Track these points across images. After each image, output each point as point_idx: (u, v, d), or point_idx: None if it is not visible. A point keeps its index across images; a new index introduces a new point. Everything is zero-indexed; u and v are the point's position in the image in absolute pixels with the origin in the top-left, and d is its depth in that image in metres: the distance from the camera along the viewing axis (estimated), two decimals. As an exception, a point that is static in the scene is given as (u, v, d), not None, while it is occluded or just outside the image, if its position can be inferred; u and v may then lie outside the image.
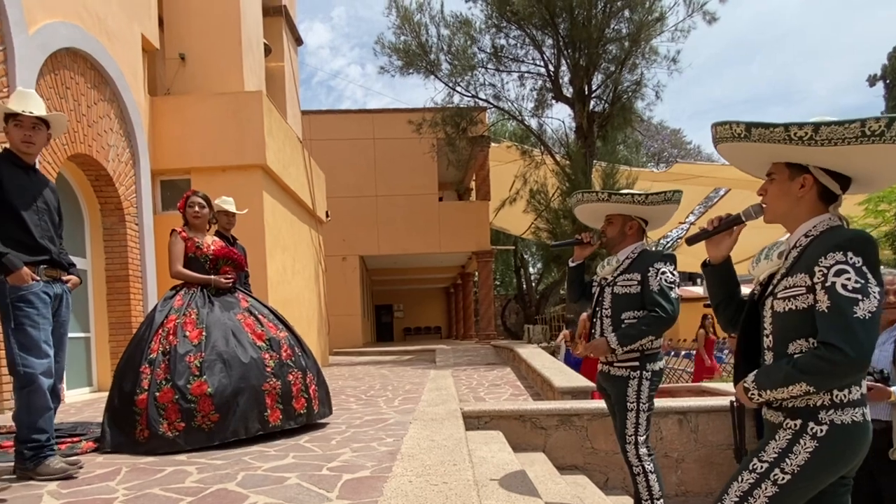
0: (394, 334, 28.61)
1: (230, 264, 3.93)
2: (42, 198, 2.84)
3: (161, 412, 3.17)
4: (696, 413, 4.45)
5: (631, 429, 2.90)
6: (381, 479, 2.39)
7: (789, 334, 1.65)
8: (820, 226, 1.66)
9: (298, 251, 10.11)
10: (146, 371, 3.28)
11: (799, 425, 1.61)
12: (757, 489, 1.62)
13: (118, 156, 6.89)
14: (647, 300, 2.86)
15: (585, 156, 11.97)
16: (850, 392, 1.58)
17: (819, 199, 1.68)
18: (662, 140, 32.12)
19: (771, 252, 1.79)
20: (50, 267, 2.80)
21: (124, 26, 7.09)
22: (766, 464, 1.63)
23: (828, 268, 1.55)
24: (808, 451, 1.58)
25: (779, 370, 1.63)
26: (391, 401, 5.17)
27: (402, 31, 13.11)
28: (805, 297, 1.61)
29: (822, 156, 1.60)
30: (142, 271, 7.11)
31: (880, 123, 1.46)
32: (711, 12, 11.85)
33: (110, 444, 3.22)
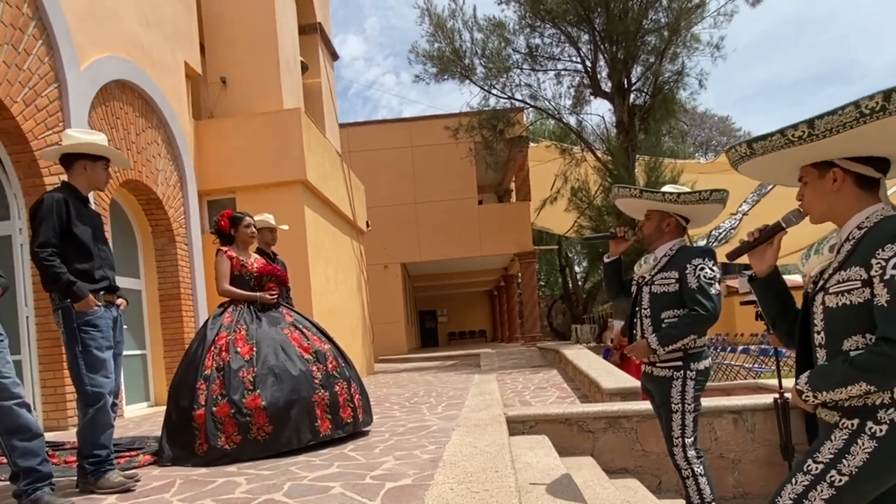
0: (438, 339, 28.69)
1: (274, 281, 4.08)
2: (100, 229, 3.04)
3: (219, 426, 3.32)
4: (751, 411, 4.28)
5: (677, 431, 2.81)
6: (423, 487, 2.41)
7: (843, 330, 1.57)
8: (873, 216, 1.57)
9: (340, 262, 10.29)
10: (202, 387, 3.43)
11: (856, 425, 1.53)
12: (812, 491, 1.55)
13: (166, 179, 7.19)
14: (687, 298, 2.76)
15: (627, 150, 11.75)
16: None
17: (859, 188, 1.60)
18: (710, 128, 31.10)
19: (821, 246, 1.71)
20: (108, 293, 2.97)
21: (168, 55, 7.41)
22: (821, 465, 1.55)
23: (886, 260, 1.47)
24: (866, 451, 1.50)
25: (835, 370, 1.55)
26: (434, 407, 5.19)
27: (436, 38, 13.20)
28: (861, 291, 1.53)
29: (837, 146, 1.53)
30: (192, 289, 7.39)
31: (876, 100, 1.40)
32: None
33: (170, 457, 3.37)
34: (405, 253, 17.66)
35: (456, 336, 28.62)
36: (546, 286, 30.03)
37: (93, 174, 2.98)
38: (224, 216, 4.08)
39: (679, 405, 2.78)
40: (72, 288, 2.73)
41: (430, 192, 17.50)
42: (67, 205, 2.84)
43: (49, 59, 5.27)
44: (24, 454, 2.45)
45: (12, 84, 4.84)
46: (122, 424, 5.27)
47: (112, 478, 2.77)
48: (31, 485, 2.46)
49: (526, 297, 18.30)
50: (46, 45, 5.24)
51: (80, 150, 2.94)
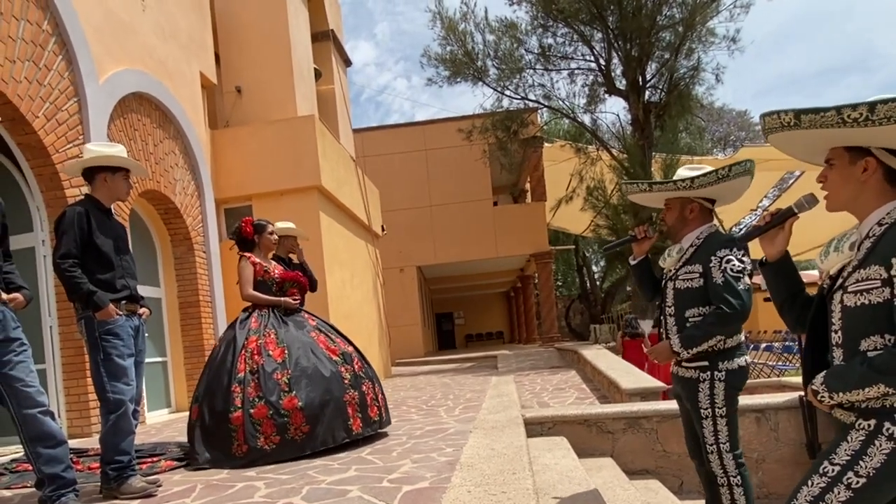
0: (455, 342, 28.69)
1: (296, 287, 4.14)
2: (122, 239, 3.11)
3: (257, 427, 3.39)
4: (774, 410, 4.20)
5: (710, 437, 2.55)
6: (440, 489, 2.41)
7: (861, 330, 1.54)
8: (895, 212, 1.53)
9: (356, 266, 10.34)
10: (237, 390, 3.49)
11: (873, 426, 1.49)
12: (829, 493, 1.51)
13: (184, 189, 7.30)
14: (712, 294, 2.47)
15: (643, 148, 11.65)
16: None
17: (887, 182, 1.55)
18: (728, 123, 30.69)
19: (841, 243, 1.67)
20: (129, 302, 3.03)
21: (184, 66, 7.52)
22: (837, 467, 1.52)
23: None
24: (884, 452, 1.46)
25: (852, 371, 1.52)
26: (452, 410, 5.19)
27: (448, 41, 13.22)
28: (880, 290, 1.49)
29: (884, 135, 1.48)
30: (211, 296, 7.48)
31: None
32: (771, -15, 11.29)
33: (206, 460, 3.42)
34: (421, 256, 17.70)
35: (473, 338, 28.59)
36: (563, 286, 29.88)
37: (113, 185, 3.05)
38: (247, 223, 4.17)
39: (708, 409, 2.54)
40: (92, 298, 2.79)
41: (445, 195, 17.53)
42: (88, 217, 2.90)
43: (69, 74, 5.38)
44: (49, 461, 2.50)
45: (34, 99, 4.95)
46: (143, 431, 5.35)
47: (134, 483, 2.81)
48: (56, 491, 2.51)
49: (543, 297, 18.22)
50: (66, 61, 5.35)
51: (100, 164, 3.01)
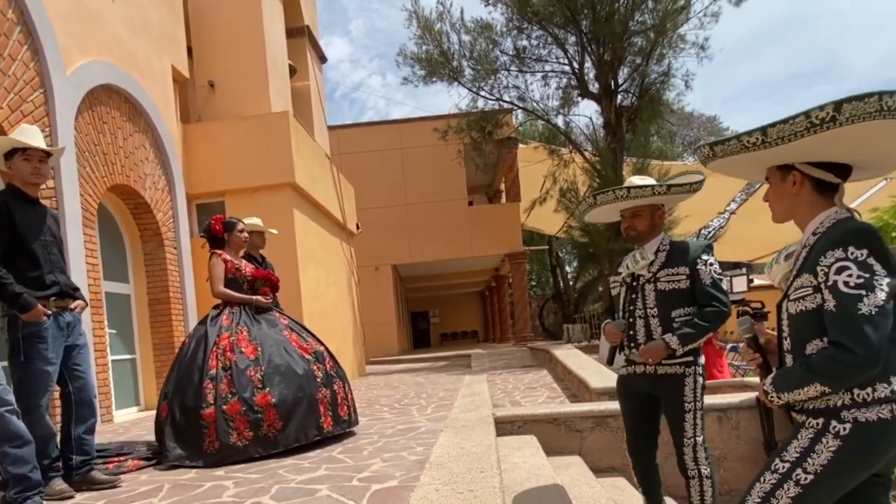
0: (431, 340, 28.74)
1: (267, 285, 4.12)
2: (49, 230, 2.96)
3: (230, 423, 3.38)
4: (736, 410, 4.34)
5: (690, 430, 2.70)
6: (409, 488, 2.44)
7: (804, 335, 1.62)
8: (826, 221, 1.63)
9: (331, 264, 10.30)
10: (209, 387, 3.47)
11: (821, 424, 1.57)
12: (779, 490, 1.59)
13: (155, 184, 7.18)
14: (701, 295, 2.68)
15: (615, 151, 11.83)
16: (875, 390, 1.52)
17: (817, 192, 1.65)
18: (698, 128, 31.37)
19: (781, 255, 1.78)
20: (59, 298, 2.92)
21: (155, 59, 7.39)
22: (787, 464, 1.60)
23: (829, 266, 1.53)
24: (830, 449, 1.54)
25: (794, 372, 1.61)
26: (424, 409, 5.22)
27: (424, 40, 13.23)
28: (813, 297, 1.58)
29: (798, 151, 1.58)
30: (181, 293, 7.38)
31: (826, 110, 1.44)
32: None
33: (177, 456, 3.38)
34: (396, 254, 17.68)
35: (448, 337, 28.67)
36: (537, 286, 30.15)
37: (17, 170, 2.86)
38: (217, 220, 4.14)
39: (692, 403, 2.70)
40: (18, 300, 2.67)
41: (421, 194, 17.54)
42: (9, 208, 2.77)
43: (35, 65, 5.25)
44: (16, 461, 2.46)
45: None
46: (111, 429, 5.26)
47: (54, 486, 2.76)
48: (22, 493, 2.47)
49: (517, 297, 18.37)
50: (32, 50, 5.22)
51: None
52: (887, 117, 1.40)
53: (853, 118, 1.42)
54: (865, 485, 1.59)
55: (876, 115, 1.40)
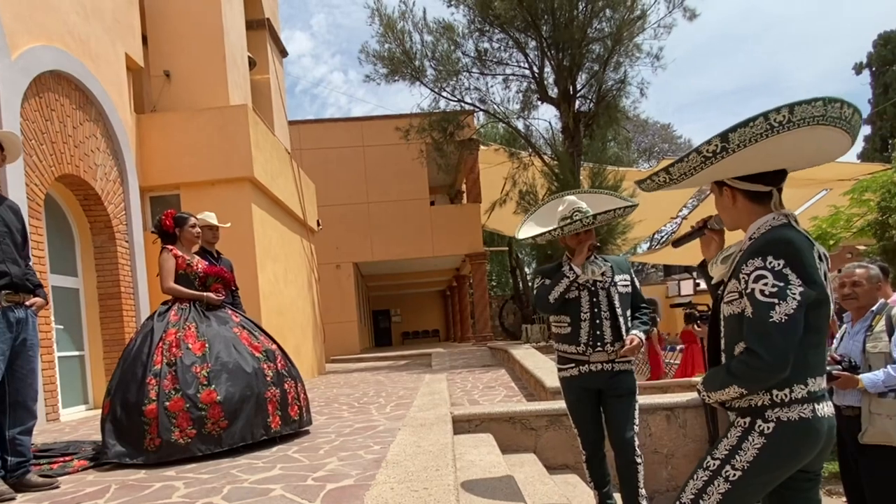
0: (392, 339, 28.65)
1: (220, 282, 4.05)
2: (1, 220, 2.84)
3: (172, 420, 3.30)
4: (683, 409, 4.51)
5: (636, 418, 3.06)
6: (364, 487, 2.44)
7: (735, 337, 1.70)
8: (763, 227, 1.69)
9: (290, 261, 10.16)
10: (152, 382, 3.38)
11: (748, 422, 1.66)
12: (710, 486, 1.66)
13: (106, 175, 6.94)
14: (638, 298, 3.19)
15: (573, 155, 12.03)
16: (793, 391, 1.61)
17: (751, 202, 1.72)
18: (652, 135, 32.28)
19: (718, 258, 1.86)
20: (12, 292, 2.79)
21: (108, 46, 7.14)
22: (718, 461, 1.67)
23: (748, 274, 1.61)
24: (756, 447, 1.62)
25: (718, 374, 1.70)
26: (383, 407, 5.22)
27: (386, 38, 13.17)
28: (738, 302, 1.67)
29: (718, 172, 1.67)
30: (133, 288, 7.16)
31: (713, 144, 1.54)
32: (692, 9, 11.94)
33: (116, 454, 3.29)
34: (358, 252, 17.55)
35: (410, 336, 28.62)
36: (497, 286, 30.41)
37: None
38: (168, 215, 4.04)
39: (635, 394, 3.09)
40: None
41: (383, 192, 17.46)
42: None
43: (-23, 47, 5.01)
44: None
45: (-64, 72, 4.58)
46: (57, 428, 5.07)
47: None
48: None
49: (477, 297, 18.49)
50: (-26, 33, 4.98)
51: None
52: (781, 132, 1.48)
53: (743, 143, 1.50)
54: (794, 481, 1.68)
55: (768, 134, 1.48)
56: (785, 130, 1.48)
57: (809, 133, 1.51)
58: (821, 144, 1.59)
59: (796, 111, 1.45)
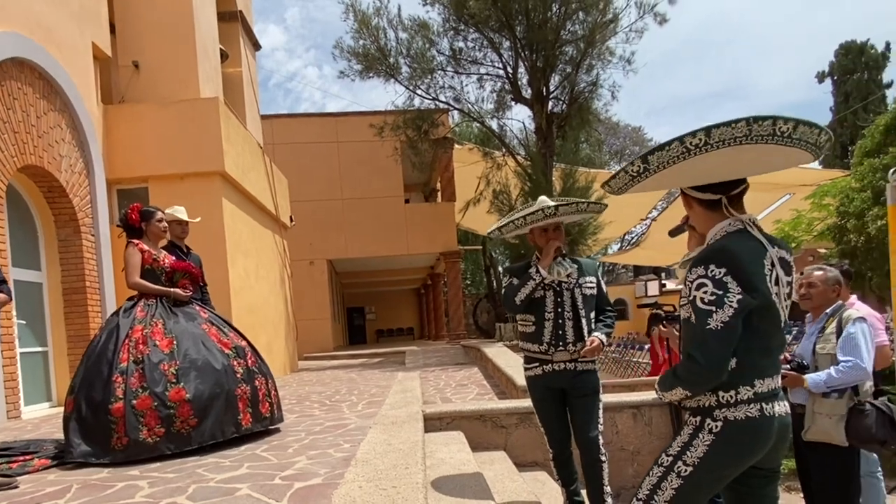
0: (367, 337, 28.52)
1: (187, 278, 3.98)
2: None
3: (140, 419, 3.24)
4: (648, 407, 4.60)
5: (600, 418, 3.11)
6: (333, 486, 2.44)
7: (688, 340, 1.76)
8: (718, 233, 1.76)
9: (262, 257, 10.04)
10: (118, 380, 3.31)
11: (699, 421, 1.72)
12: (664, 482, 1.72)
13: (71, 166, 6.76)
14: (603, 301, 3.24)
15: (545, 156, 12.12)
16: (739, 393, 1.68)
17: (707, 209, 1.79)
18: (624, 138, 32.76)
19: (681, 261, 1.92)
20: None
21: (74, 35, 6.95)
22: (671, 457, 1.74)
23: (692, 282, 1.68)
24: (705, 444, 1.69)
25: (669, 375, 1.76)
26: (355, 405, 5.20)
27: (361, 35, 13.08)
28: (687, 307, 1.73)
29: (674, 180, 1.73)
30: (99, 283, 6.99)
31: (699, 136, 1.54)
32: (662, 14, 12.15)
33: (82, 453, 3.21)
34: (332, 249, 17.42)
35: (384, 333, 28.53)
36: (472, 285, 30.52)
37: None
38: (134, 209, 3.96)
39: (598, 393, 3.12)
40: None
41: (357, 189, 17.35)
42: None
43: (-65, 32, 4.83)
44: None
45: None
46: (19, 426, 4.94)
47: None
48: None
49: (451, 295, 18.52)
50: (-68, 17, 4.80)
51: None
52: (759, 142, 1.52)
53: (721, 143, 1.53)
54: (750, 478, 1.74)
55: (744, 140, 1.52)
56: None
57: (734, 152, 1.55)
58: (760, 157, 1.63)
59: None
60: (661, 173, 1.63)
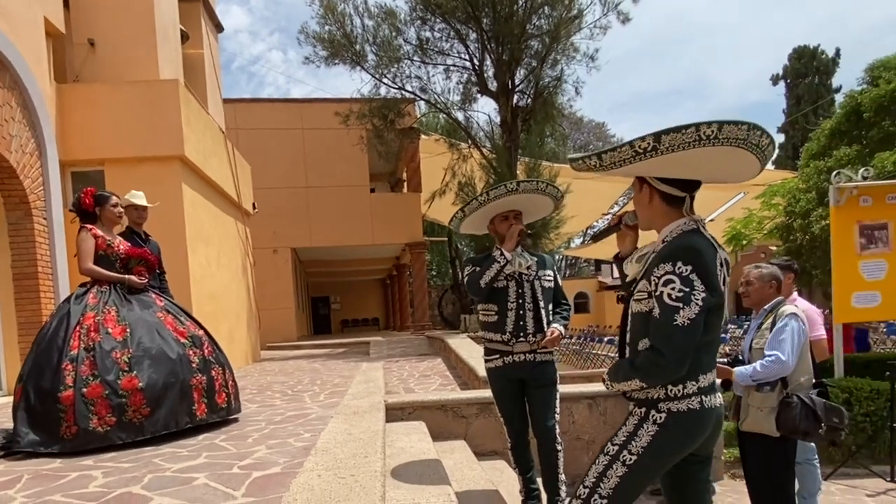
0: (331, 327, 28.31)
1: (143, 265, 3.90)
2: None
3: (90, 407, 3.19)
4: (604, 398, 4.72)
5: (557, 407, 3.19)
6: (291, 475, 2.45)
7: (638, 333, 1.83)
8: (675, 230, 1.81)
9: (224, 244, 9.85)
10: (68, 368, 3.25)
11: (644, 412, 1.80)
12: (610, 469, 1.80)
13: (22, 146, 6.49)
14: (559, 294, 3.31)
15: (510, 149, 12.20)
16: (685, 387, 1.76)
17: (667, 203, 1.83)
18: (588, 133, 33.24)
19: (634, 256, 1.98)
20: None
21: (24, 8, 6.64)
22: (616, 447, 1.82)
23: (659, 277, 1.73)
24: (650, 434, 1.77)
25: (623, 366, 1.83)
26: (317, 395, 5.20)
27: (327, 20, 12.88)
28: (647, 301, 1.78)
29: (643, 169, 1.76)
30: (52, 268, 6.75)
31: (647, 141, 1.61)
32: (625, 13, 12.34)
33: (29, 442, 3.14)
34: (296, 238, 17.19)
35: (349, 324, 28.35)
36: (437, 276, 30.60)
37: None
38: (88, 193, 3.85)
39: (557, 385, 3.22)
40: None
41: (322, 177, 17.13)
42: None
43: None
44: None
45: None
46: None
47: None
48: None
49: (416, 286, 18.54)
50: None
51: None
52: (706, 145, 1.58)
53: (672, 147, 1.60)
54: (686, 463, 1.84)
55: (695, 144, 1.58)
56: (710, 145, 1.58)
57: (729, 152, 1.62)
58: (735, 164, 1.71)
59: (724, 129, 1.55)
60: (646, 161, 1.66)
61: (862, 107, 7.28)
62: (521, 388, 3.23)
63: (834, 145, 7.55)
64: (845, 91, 11.56)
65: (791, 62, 29.47)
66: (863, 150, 7.16)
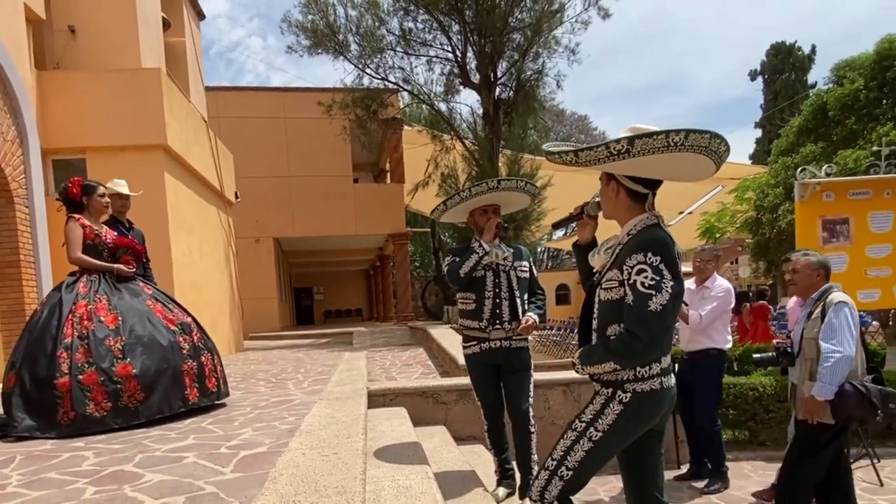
0: (315, 317, 28.30)
1: (130, 254, 3.97)
2: None
3: (87, 394, 3.28)
4: (578, 384, 4.90)
5: (531, 392, 3.33)
6: (277, 453, 2.58)
7: (607, 319, 1.98)
8: (639, 224, 1.97)
9: (206, 233, 9.87)
10: (63, 356, 3.33)
11: (610, 393, 1.96)
12: (577, 444, 1.97)
13: (2, 134, 6.45)
14: (534, 285, 3.47)
15: (492, 142, 12.30)
16: (651, 368, 1.93)
17: (631, 199, 1.99)
18: (570, 126, 33.47)
19: (600, 247, 2.13)
20: None
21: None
22: (584, 423, 1.98)
23: (631, 267, 1.88)
24: (615, 412, 1.93)
25: (596, 350, 1.98)
26: (301, 383, 5.31)
27: (310, 9, 12.83)
28: (618, 289, 1.93)
29: (616, 167, 1.91)
30: (35, 256, 6.74)
31: (620, 144, 1.77)
32: (605, 8, 12.47)
33: (26, 427, 3.23)
34: (278, 227, 17.16)
35: (332, 314, 28.35)
36: (421, 267, 30.67)
37: None
38: (75, 183, 3.91)
39: (531, 370, 3.36)
40: None
41: (305, 167, 17.09)
42: None
43: None
44: None
45: None
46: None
47: None
48: None
49: (399, 277, 18.62)
50: None
51: None
52: (673, 150, 1.75)
53: (643, 151, 1.76)
54: (644, 438, 2.02)
55: (664, 149, 1.75)
56: (677, 150, 1.75)
57: (692, 157, 1.79)
58: (694, 167, 1.88)
59: (690, 137, 1.72)
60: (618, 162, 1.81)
61: (828, 105, 7.52)
62: (497, 374, 3.38)
63: (801, 142, 7.80)
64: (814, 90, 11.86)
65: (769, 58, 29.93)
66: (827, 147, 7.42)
